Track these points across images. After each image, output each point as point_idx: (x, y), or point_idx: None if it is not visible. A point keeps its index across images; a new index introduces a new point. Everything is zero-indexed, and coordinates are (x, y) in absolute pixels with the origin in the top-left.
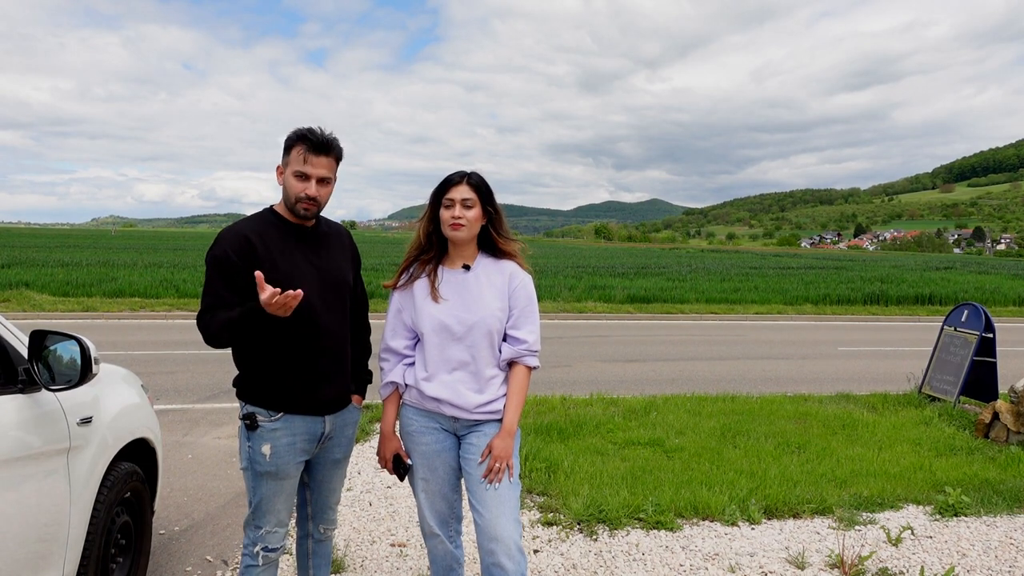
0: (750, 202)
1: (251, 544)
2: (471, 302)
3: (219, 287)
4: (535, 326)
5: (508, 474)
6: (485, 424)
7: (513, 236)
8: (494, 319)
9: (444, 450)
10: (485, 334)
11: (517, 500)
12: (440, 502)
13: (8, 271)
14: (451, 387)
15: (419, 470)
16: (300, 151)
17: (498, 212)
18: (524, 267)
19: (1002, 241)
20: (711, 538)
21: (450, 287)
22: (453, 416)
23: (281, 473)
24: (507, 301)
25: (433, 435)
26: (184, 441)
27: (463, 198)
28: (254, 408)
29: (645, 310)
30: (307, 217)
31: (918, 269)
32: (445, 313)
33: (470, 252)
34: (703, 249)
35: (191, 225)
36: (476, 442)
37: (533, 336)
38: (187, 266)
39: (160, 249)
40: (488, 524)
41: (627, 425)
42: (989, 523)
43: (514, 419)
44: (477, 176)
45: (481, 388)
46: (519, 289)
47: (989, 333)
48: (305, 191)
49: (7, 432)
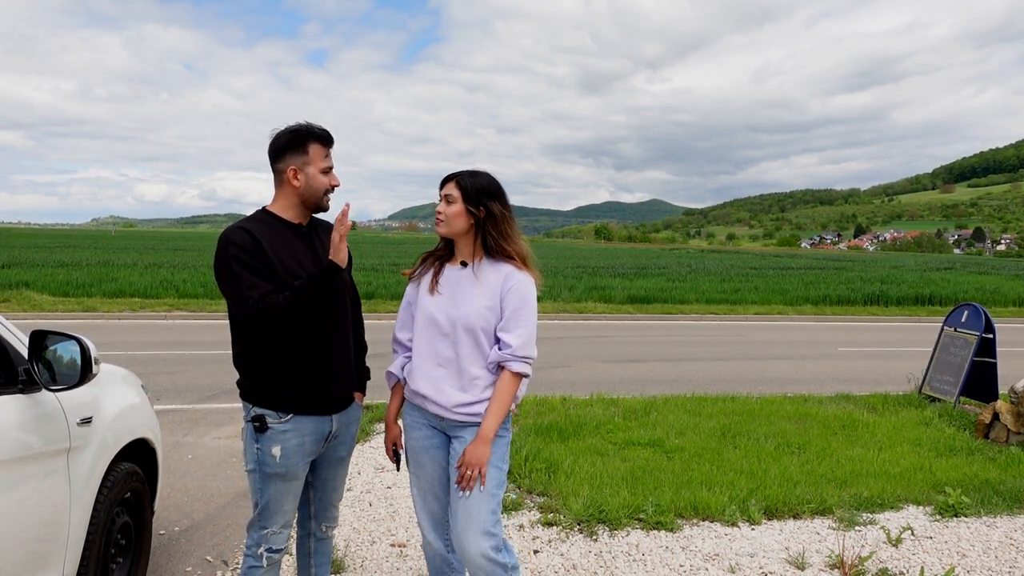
0: (750, 202)
1: (255, 545)
2: (460, 298)
3: (254, 278)
4: (525, 330)
5: (480, 482)
6: (467, 428)
7: (517, 239)
8: (478, 316)
9: (432, 447)
10: (468, 331)
11: (490, 511)
12: (432, 501)
13: (8, 271)
14: (434, 383)
15: (411, 464)
16: (321, 147)
17: (495, 214)
18: (528, 270)
19: (1002, 241)
20: (711, 538)
21: (447, 282)
22: (436, 414)
23: (290, 474)
24: (498, 301)
25: (422, 431)
26: (184, 441)
27: (446, 194)
28: (263, 410)
29: (645, 310)
30: (327, 207)
31: (918, 270)
32: (435, 307)
33: (468, 250)
34: (703, 249)
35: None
36: (458, 448)
37: (520, 340)
38: (187, 266)
39: (160, 249)
40: (456, 537)
41: (627, 425)
42: (989, 523)
43: (491, 425)
44: (470, 177)
45: (464, 387)
46: (513, 290)
47: (989, 333)
48: (332, 182)
49: (7, 432)
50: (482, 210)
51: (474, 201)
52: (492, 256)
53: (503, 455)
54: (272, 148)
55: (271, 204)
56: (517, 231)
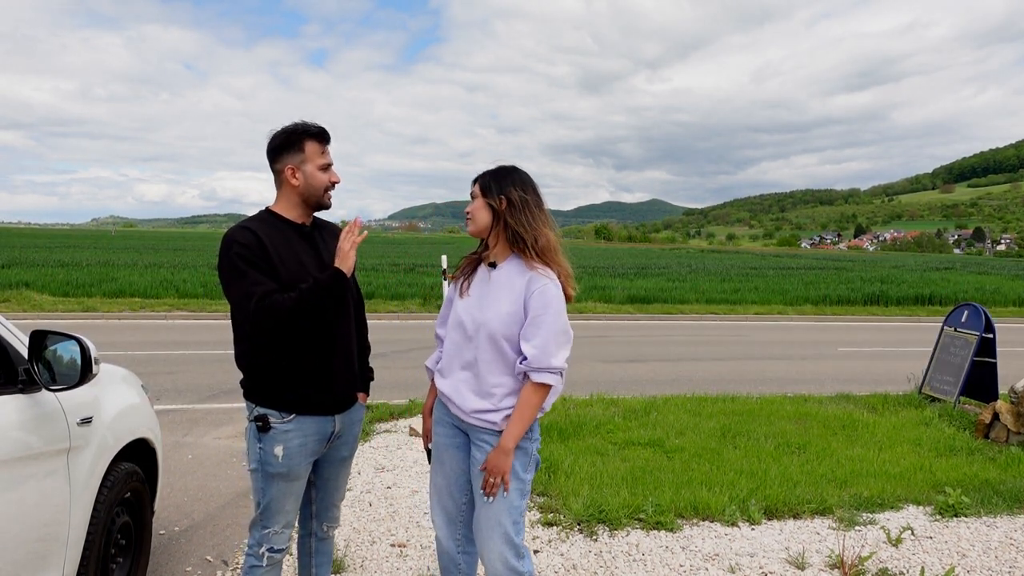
0: (750, 202)
1: (256, 545)
2: (485, 302)
3: (259, 276)
4: (542, 339)
5: (504, 490)
6: (487, 433)
7: (538, 228)
8: (499, 322)
9: (454, 446)
10: (488, 337)
11: (511, 521)
12: (448, 499)
13: (8, 271)
14: (455, 386)
15: (433, 459)
16: (317, 144)
17: (515, 202)
18: (554, 266)
19: (1002, 241)
20: (711, 538)
21: (477, 284)
22: (457, 416)
23: (292, 474)
24: (521, 306)
25: (446, 428)
26: (184, 441)
27: (471, 193)
28: (266, 410)
29: (645, 310)
30: (330, 207)
31: (918, 270)
32: (463, 309)
33: (497, 248)
34: (703, 249)
35: (191, 225)
36: (477, 454)
37: (536, 350)
38: (187, 266)
39: (160, 249)
40: (478, 542)
41: (627, 425)
42: (989, 523)
43: (511, 436)
44: (490, 172)
45: (482, 394)
46: (536, 295)
47: (989, 333)
48: (332, 179)
49: (7, 432)
50: (502, 199)
51: (493, 192)
52: (516, 251)
53: (526, 464)
54: (269, 149)
55: (274, 205)
56: (544, 221)
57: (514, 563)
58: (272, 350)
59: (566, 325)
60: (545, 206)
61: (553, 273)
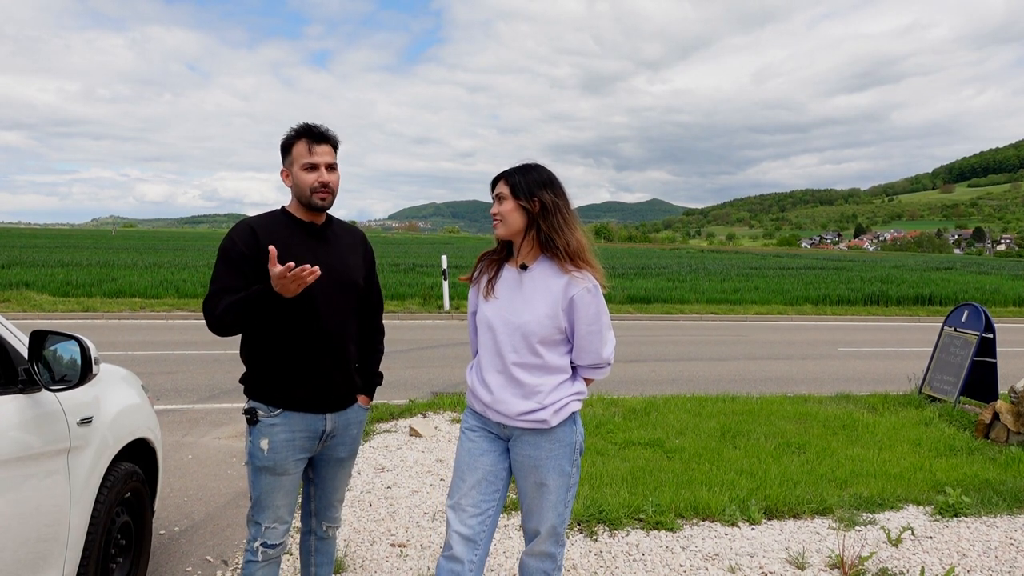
0: (750, 202)
1: (252, 540)
2: (519, 304)
3: (225, 274)
4: (600, 345)
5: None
6: (529, 435)
7: (571, 232)
8: (538, 325)
9: (485, 452)
10: (525, 339)
11: (557, 514)
12: (470, 508)
13: (8, 271)
14: (495, 391)
15: (456, 469)
16: (303, 145)
17: (547, 205)
18: (587, 267)
19: (1002, 241)
20: (711, 538)
21: (504, 286)
22: (499, 422)
23: (279, 469)
24: (559, 309)
25: (478, 434)
26: (184, 441)
27: (497, 194)
28: (255, 403)
29: (645, 310)
30: (324, 207)
31: (918, 269)
32: (492, 312)
33: (527, 250)
34: (703, 249)
35: (191, 225)
36: (519, 452)
37: (595, 356)
38: (187, 266)
39: (160, 249)
40: (526, 533)
41: (627, 425)
42: (989, 523)
43: None
44: (519, 172)
45: (526, 395)
46: (582, 304)
47: (989, 333)
48: (318, 179)
49: (7, 432)
50: (536, 202)
51: (525, 194)
52: (548, 254)
53: (572, 457)
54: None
55: (289, 204)
56: (575, 224)
57: (552, 549)
58: (260, 342)
59: (609, 320)
60: (572, 205)
61: (588, 275)
